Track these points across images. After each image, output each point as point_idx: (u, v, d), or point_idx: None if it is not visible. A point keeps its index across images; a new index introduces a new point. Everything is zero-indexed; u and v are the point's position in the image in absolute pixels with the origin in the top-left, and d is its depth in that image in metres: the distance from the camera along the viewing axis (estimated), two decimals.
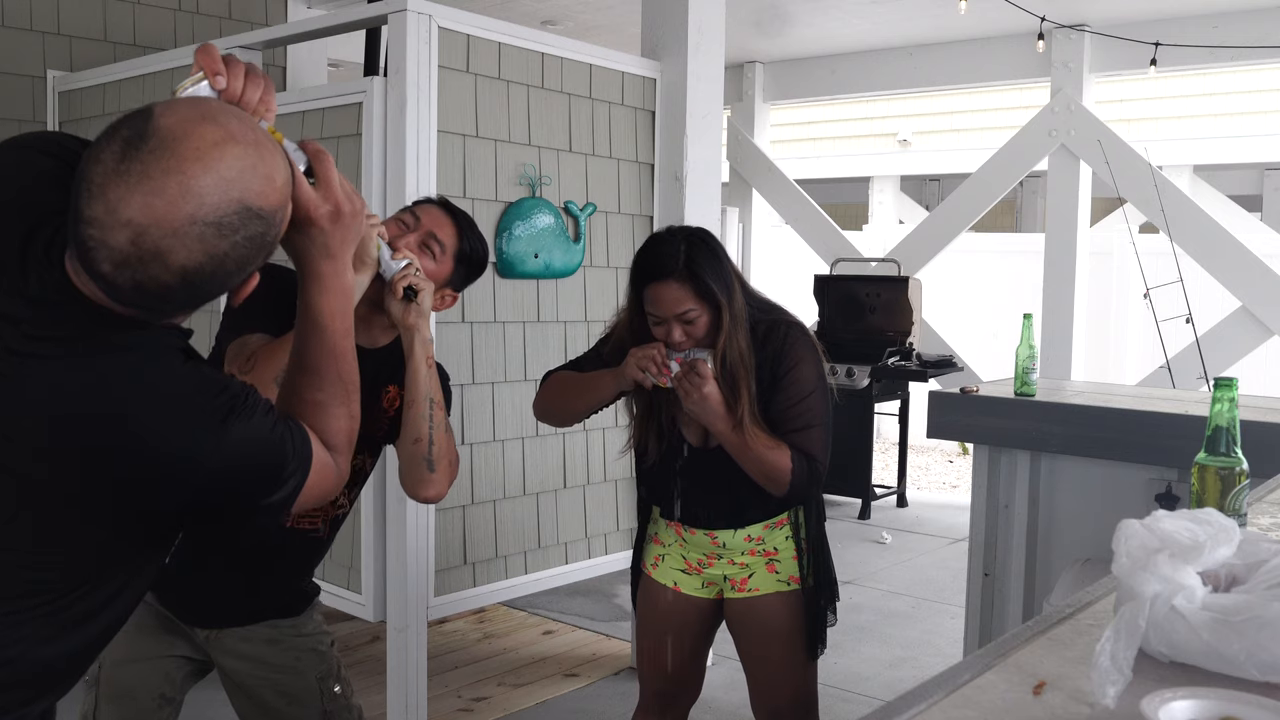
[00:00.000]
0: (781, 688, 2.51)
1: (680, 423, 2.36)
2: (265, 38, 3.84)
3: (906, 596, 5.11)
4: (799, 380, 2.27)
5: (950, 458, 9.22)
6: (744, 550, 2.39)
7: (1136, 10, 6.33)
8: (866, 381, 6.48)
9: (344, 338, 1.38)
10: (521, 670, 4.05)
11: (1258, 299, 6.23)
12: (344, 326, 1.38)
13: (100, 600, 1.25)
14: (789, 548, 2.40)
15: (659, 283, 2.19)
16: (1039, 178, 9.70)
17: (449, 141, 3.26)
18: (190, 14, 4.93)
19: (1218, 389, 1.63)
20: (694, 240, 2.24)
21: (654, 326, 2.24)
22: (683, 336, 2.20)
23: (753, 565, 2.40)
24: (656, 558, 2.50)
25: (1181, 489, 2.97)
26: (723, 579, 2.43)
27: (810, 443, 2.26)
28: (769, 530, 2.39)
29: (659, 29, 3.96)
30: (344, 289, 1.38)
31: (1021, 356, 3.35)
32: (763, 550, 2.39)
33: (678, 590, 2.45)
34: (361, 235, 1.40)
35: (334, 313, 1.36)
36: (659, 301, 2.20)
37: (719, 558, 2.41)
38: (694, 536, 2.41)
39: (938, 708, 1.04)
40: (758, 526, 2.38)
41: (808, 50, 7.77)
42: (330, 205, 1.31)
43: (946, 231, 7.51)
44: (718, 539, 2.39)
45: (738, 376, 2.23)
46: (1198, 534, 1.20)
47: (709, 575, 2.44)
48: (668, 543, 2.47)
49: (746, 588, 2.41)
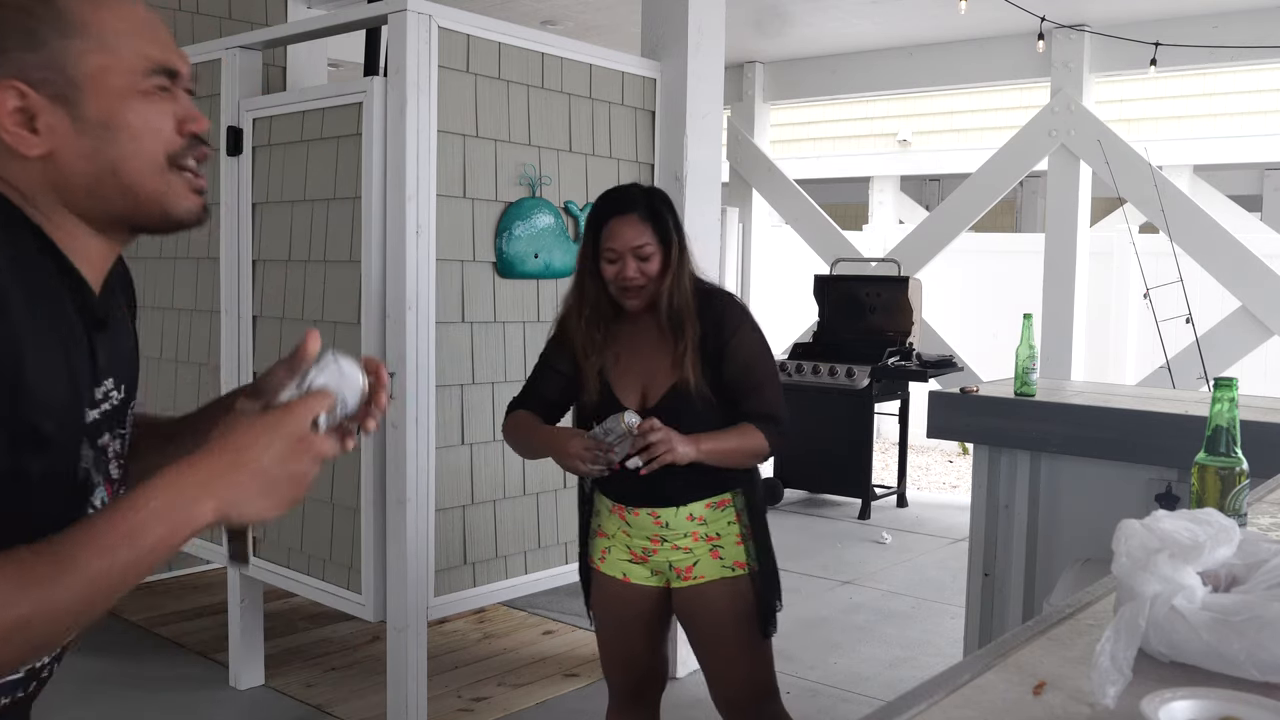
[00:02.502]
0: (737, 675, 2.52)
1: (616, 389, 2.42)
2: (265, 38, 3.84)
3: (906, 596, 5.11)
4: (744, 344, 2.40)
5: (950, 458, 9.22)
6: (686, 533, 2.42)
7: (1136, 10, 6.33)
8: (866, 381, 6.49)
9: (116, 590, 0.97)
10: (521, 670, 4.05)
11: (1258, 299, 6.23)
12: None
13: None
14: (731, 533, 2.43)
15: (620, 217, 2.34)
16: (1039, 178, 9.70)
17: (449, 141, 3.26)
18: (190, 14, 4.92)
19: (1218, 389, 1.63)
20: (653, 189, 2.46)
21: (608, 265, 2.36)
22: (636, 273, 2.33)
23: (697, 551, 2.43)
24: (603, 551, 2.52)
25: (1181, 489, 2.97)
26: (668, 567, 2.45)
27: (769, 404, 2.41)
28: (711, 510, 2.42)
29: (659, 29, 3.96)
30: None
31: (1021, 356, 3.35)
32: (705, 535, 2.42)
33: (627, 581, 2.48)
34: None
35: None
36: (618, 235, 2.33)
37: (663, 541, 2.43)
38: (637, 519, 2.43)
39: (938, 708, 1.04)
40: (699, 505, 2.41)
41: (808, 50, 7.77)
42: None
43: (946, 231, 7.51)
44: (660, 518, 2.41)
45: (683, 318, 2.36)
46: (1198, 534, 1.20)
47: (655, 563, 2.46)
48: (612, 533, 2.49)
49: (692, 575, 2.44)
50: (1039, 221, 11.29)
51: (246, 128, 3.71)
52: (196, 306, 4.00)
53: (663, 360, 2.39)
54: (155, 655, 4.12)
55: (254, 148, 3.70)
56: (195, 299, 4.01)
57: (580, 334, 2.43)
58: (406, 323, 3.17)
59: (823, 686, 3.98)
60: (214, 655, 4.08)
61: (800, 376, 6.70)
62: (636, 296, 2.38)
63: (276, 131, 3.62)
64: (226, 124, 3.74)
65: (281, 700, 3.77)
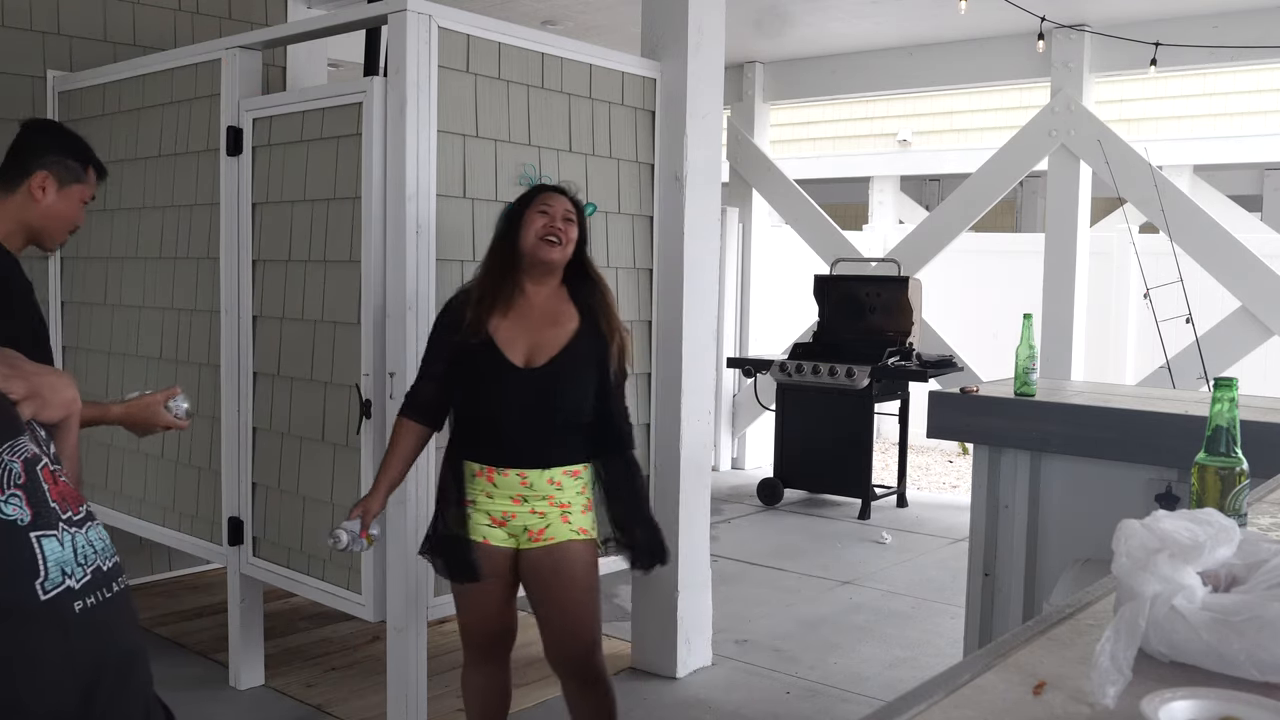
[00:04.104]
0: (581, 635, 2.75)
1: (502, 346, 2.65)
2: (265, 38, 3.84)
3: (906, 596, 5.11)
4: (624, 350, 2.76)
5: (950, 458, 9.22)
6: (545, 495, 2.68)
7: (1136, 10, 6.33)
8: (866, 381, 6.49)
9: None
10: (521, 670, 4.03)
11: (1258, 299, 6.23)
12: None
13: None
14: (579, 501, 2.72)
15: (555, 195, 2.74)
16: (1039, 178, 9.69)
17: (449, 141, 3.26)
18: (190, 14, 4.92)
19: (1218, 389, 1.63)
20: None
21: (539, 216, 2.68)
22: (563, 225, 2.68)
23: (550, 516, 2.68)
24: (466, 518, 2.71)
25: (1181, 489, 2.97)
26: (522, 530, 2.69)
27: (625, 412, 2.83)
28: (567, 477, 2.70)
29: (659, 29, 3.96)
30: None
31: (1021, 356, 3.35)
32: (560, 501, 2.69)
33: (487, 544, 2.69)
34: None
35: None
36: (553, 201, 2.71)
37: (524, 501, 2.67)
38: (505, 479, 2.66)
39: (938, 708, 1.04)
40: (558, 470, 2.68)
41: (808, 50, 7.77)
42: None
43: (946, 231, 7.51)
44: (527, 479, 2.66)
45: (596, 289, 2.77)
46: (1198, 534, 1.20)
47: (512, 527, 2.69)
48: (476, 498, 2.69)
49: (542, 538, 2.69)
50: (1039, 221, 11.29)
51: (246, 128, 3.71)
52: (196, 306, 4.00)
53: (552, 330, 2.68)
54: (155, 655, 4.06)
55: (254, 148, 3.69)
56: (195, 299, 4.00)
57: (483, 306, 2.68)
58: (406, 323, 3.17)
59: (823, 686, 3.98)
60: (214, 655, 4.08)
61: (800, 376, 6.70)
62: (557, 250, 2.67)
63: (276, 131, 3.62)
64: (226, 124, 3.74)
65: (281, 700, 3.77)
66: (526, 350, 2.67)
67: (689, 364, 3.96)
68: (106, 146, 4.36)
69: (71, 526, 1.12)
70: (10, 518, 1.06)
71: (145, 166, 4.19)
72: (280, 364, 3.65)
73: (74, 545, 1.11)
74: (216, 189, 3.81)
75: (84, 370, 4.55)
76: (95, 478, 4.43)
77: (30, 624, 1.05)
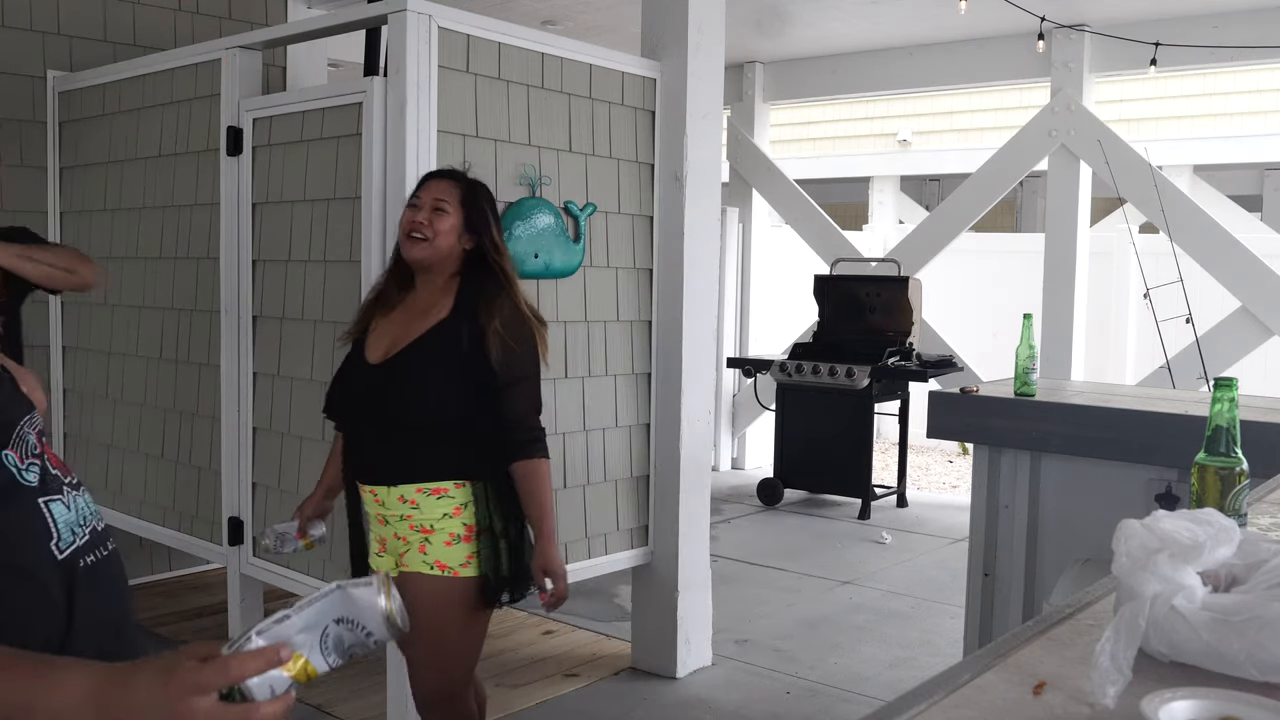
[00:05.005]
0: (416, 687, 2.51)
1: (368, 344, 2.47)
2: (265, 38, 3.84)
3: (906, 596, 5.11)
4: (506, 342, 2.44)
5: (950, 458, 9.22)
6: (402, 517, 2.39)
7: (1136, 10, 6.33)
8: (866, 381, 6.49)
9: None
10: (521, 670, 4.05)
11: (1258, 299, 6.23)
12: None
13: None
14: (449, 528, 2.36)
15: (437, 179, 2.53)
16: (1039, 178, 9.69)
17: (449, 141, 3.26)
18: (190, 14, 4.92)
19: (1218, 389, 1.63)
20: (480, 183, 2.58)
21: (408, 209, 2.50)
22: (425, 219, 2.43)
23: (411, 541, 2.39)
24: (372, 545, 2.56)
25: (1181, 489, 2.97)
26: (396, 552, 2.44)
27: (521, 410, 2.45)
28: (424, 496, 2.37)
29: (659, 29, 3.96)
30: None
31: (1021, 356, 3.35)
32: (420, 525, 2.37)
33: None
34: None
35: None
36: (426, 188, 2.49)
37: (385, 523, 2.43)
38: (367, 496, 2.45)
39: (938, 708, 1.04)
40: (411, 488, 2.36)
41: (808, 50, 7.76)
42: None
43: (946, 231, 7.51)
44: (378, 496, 2.41)
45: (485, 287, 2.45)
46: (1198, 534, 1.20)
47: (391, 548, 2.45)
48: (371, 525, 2.51)
49: (403, 563, 2.42)
50: (1039, 221, 11.29)
51: (246, 128, 3.71)
52: (196, 306, 4.00)
53: (417, 324, 2.43)
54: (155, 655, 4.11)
55: (254, 148, 3.69)
56: (195, 299, 4.00)
57: (370, 305, 2.56)
58: None
59: (823, 686, 3.98)
60: None
61: (800, 376, 6.70)
62: (419, 246, 2.43)
63: (276, 131, 3.62)
64: (226, 124, 3.74)
65: None
66: (386, 347, 2.44)
67: (689, 364, 3.96)
68: (106, 146, 4.38)
69: (72, 490, 1.20)
70: (31, 484, 1.15)
71: (145, 166, 4.19)
72: (280, 364, 3.65)
73: (75, 507, 1.19)
74: (216, 189, 3.81)
75: (84, 370, 4.55)
76: (95, 478, 4.43)
77: (51, 584, 1.12)
